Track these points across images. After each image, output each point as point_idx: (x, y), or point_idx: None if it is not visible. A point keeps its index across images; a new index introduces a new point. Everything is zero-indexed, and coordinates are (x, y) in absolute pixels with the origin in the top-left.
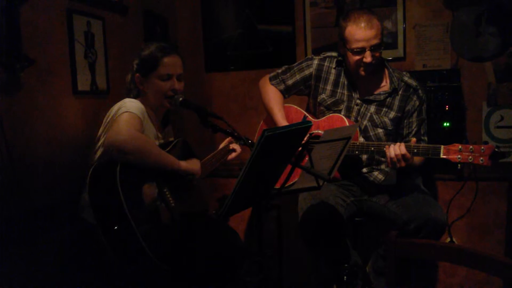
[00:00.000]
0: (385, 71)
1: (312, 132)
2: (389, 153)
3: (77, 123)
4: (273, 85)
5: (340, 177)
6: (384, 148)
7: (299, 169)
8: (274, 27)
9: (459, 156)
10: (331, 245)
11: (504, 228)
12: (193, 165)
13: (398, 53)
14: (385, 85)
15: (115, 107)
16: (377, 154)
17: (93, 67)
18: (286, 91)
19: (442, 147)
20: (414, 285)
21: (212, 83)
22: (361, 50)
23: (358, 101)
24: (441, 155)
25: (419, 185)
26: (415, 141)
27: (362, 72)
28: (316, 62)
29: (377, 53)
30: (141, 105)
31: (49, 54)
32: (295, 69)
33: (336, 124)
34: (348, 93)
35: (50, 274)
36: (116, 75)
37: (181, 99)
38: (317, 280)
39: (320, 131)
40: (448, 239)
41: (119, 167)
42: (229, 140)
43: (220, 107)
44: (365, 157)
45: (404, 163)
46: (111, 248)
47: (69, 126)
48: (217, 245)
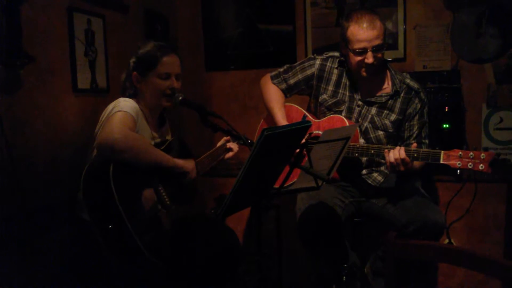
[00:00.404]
0: (387, 73)
1: (311, 132)
2: (388, 158)
3: (77, 121)
4: (274, 84)
5: (339, 178)
6: (384, 152)
7: (298, 169)
8: (274, 26)
9: (459, 162)
10: (329, 245)
11: (503, 230)
12: (188, 163)
13: (398, 53)
14: (387, 87)
15: (110, 107)
16: (377, 157)
17: (93, 65)
18: (288, 90)
19: (442, 152)
20: (413, 286)
21: (212, 82)
22: (362, 51)
23: (360, 103)
24: (441, 161)
25: (418, 188)
26: (415, 146)
27: (364, 73)
28: (318, 62)
29: (379, 54)
30: (135, 105)
31: (49, 52)
32: (297, 68)
33: (337, 125)
34: (349, 94)
35: (50, 273)
36: (116, 73)
37: (181, 98)
38: (316, 280)
39: (320, 132)
40: (446, 241)
41: (112, 166)
42: (226, 139)
43: (220, 106)
44: (364, 159)
45: (404, 168)
46: (108, 247)
47: (69, 124)
48: (214, 244)
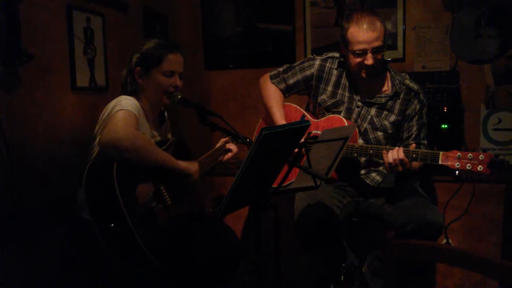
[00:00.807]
0: (386, 74)
1: (310, 132)
2: (387, 158)
3: (75, 120)
4: (273, 83)
5: (338, 177)
6: (382, 153)
7: (296, 168)
8: (274, 26)
9: (457, 163)
10: (327, 245)
11: (500, 230)
12: (192, 165)
13: (398, 54)
14: (386, 88)
15: (111, 105)
16: (375, 157)
17: (92, 63)
18: (287, 90)
19: (441, 153)
20: (410, 286)
21: (211, 82)
22: (362, 52)
23: (359, 103)
24: (439, 162)
25: (417, 188)
26: (414, 146)
27: (364, 74)
28: (318, 62)
29: (378, 56)
30: (136, 103)
31: (48, 50)
32: (297, 68)
33: (335, 124)
34: (349, 94)
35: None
36: (115, 72)
37: (179, 96)
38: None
39: (319, 132)
40: (444, 241)
41: (115, 165)
42: (224, 140)
43: (219, 105)
44: (363, 159)
45: (402, 168)
46: (108, 246)
47: (67, 122)
48: (214, 244)
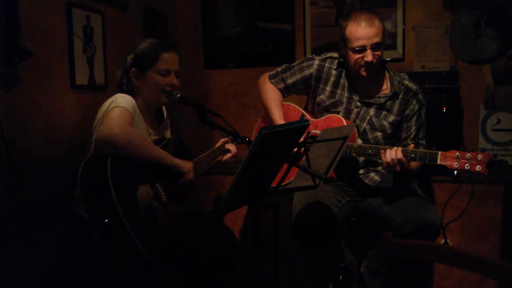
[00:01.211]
0: (385, 74)
1: (309, 131)
2: (385, 158)
3: (74, 118)
4: (272, 83)
5: (336, 177)
6: (380, 153)
7: (295, 168)
8: (274, 25)
9: (456, 163)
10: (324, 245)
11: (499, 231)
12: (186, 163)
13: (397, 54)
14: (385, 88)
15: (107, 102)
16: (374, 157)
17: (91, 61)
18: (286, 90)
19: (439, 153)
20: (408, 286)
21: (211, 81)
22: (362, 49)
23: (358, 104)
24: (438, 161)
25: (415, 188)
26: (413, 146)
27: (363, 73)
28: (316, 62)
29: (378, 52)
30: (132, 100)
31: (48, 48)
32: (296, 68)
33: (334, 124)
34: (348, 95)
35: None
36: (115, 70)
37: (179, 95)
38: (313, 279)
39: (318, 131)
40: (442, 241)
41: (109, 161)
42: (224, 140)
43: (218, 104)
44: (362, 158)
45: (399, 168)
46: (104, 244)
47: (66, 120)
48: (212, 243)
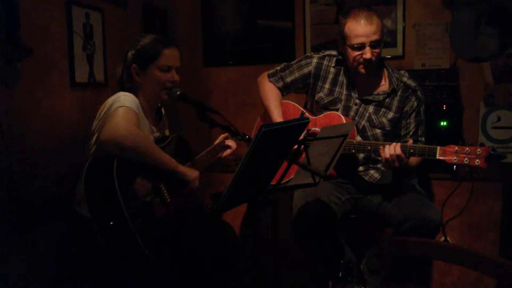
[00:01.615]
0: (384, 71)
1: (309, 129)
2: (384, 154)
3: (74, 115)
4: (271, 82)
5: (336, 174)
6: (379, 149)
7: (295, 165)
8: (273, 22)
9: (455, 158)
10: (324, 242)
11: (498, 228)
12: (191, 172)
13: (397, 51)
14: (384, 85)
15: (109, 101)
16: (373, 153)
17: (91, 59)
18: (285, 88)
19: (438, 148)
20: (408, 283)
21: (211, 78)
22: (361, 46)
23: (357, 101)
24: (437, 156)
25: (415, 185)
26: (412, 142)
27: (362, 70)
28: (315, 60)
29: (376, 49)
30: (135, 99)
31: (48, 45)
32: (294, 66)
33: (334, 122)
34: (346, 92)
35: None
36: (114, 67)
37: (179, 92)
38: (312, 276)
39: (317, 129)
40: (442, 238)
41: (116, 162)
42: (224, 136)
43: (218, 102)
44: (361, 156)
45: (398, 164)
46: (106, 242)
47: (66, 118)
48: (212, 240)
